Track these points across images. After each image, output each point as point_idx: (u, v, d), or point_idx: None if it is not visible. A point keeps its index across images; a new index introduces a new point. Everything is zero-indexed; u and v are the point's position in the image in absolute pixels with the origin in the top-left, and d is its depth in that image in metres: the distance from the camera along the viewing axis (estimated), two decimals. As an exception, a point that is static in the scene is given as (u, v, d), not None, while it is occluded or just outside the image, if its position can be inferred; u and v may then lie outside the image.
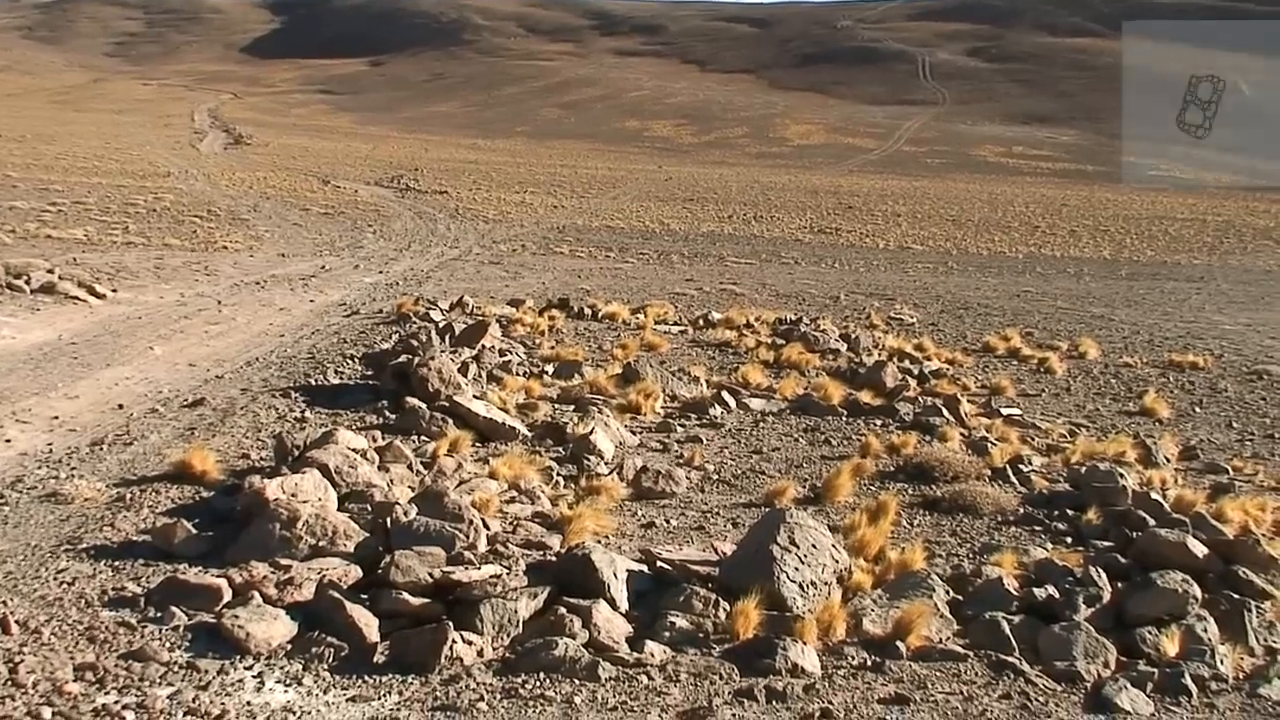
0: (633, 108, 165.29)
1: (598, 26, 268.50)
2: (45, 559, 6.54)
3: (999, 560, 7.58)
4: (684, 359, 15.73)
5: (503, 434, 10.43)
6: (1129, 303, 27.34)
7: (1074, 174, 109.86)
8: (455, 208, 47.88)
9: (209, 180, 55.04)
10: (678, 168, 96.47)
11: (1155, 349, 19.37)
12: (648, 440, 11.06)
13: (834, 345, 17.38)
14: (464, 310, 18.62)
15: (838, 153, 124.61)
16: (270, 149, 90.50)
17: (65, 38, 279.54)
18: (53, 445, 9.17)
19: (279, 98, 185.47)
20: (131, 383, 11.89)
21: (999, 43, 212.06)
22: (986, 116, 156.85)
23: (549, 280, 25.80)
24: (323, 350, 14.37)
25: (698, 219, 50.34)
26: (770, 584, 6.31)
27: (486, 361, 13.58)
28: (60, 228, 29.40)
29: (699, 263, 33.18)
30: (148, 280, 20.47)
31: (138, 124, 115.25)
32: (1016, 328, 20.83)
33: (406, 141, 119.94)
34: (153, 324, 15.76)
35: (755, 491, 9.46)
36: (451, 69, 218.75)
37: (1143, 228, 57.36)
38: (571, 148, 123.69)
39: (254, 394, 11.53)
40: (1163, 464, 11.10)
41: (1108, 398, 14.99)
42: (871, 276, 31.60)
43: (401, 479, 8.53)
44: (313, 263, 26.45)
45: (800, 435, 11.74)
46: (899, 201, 67.76)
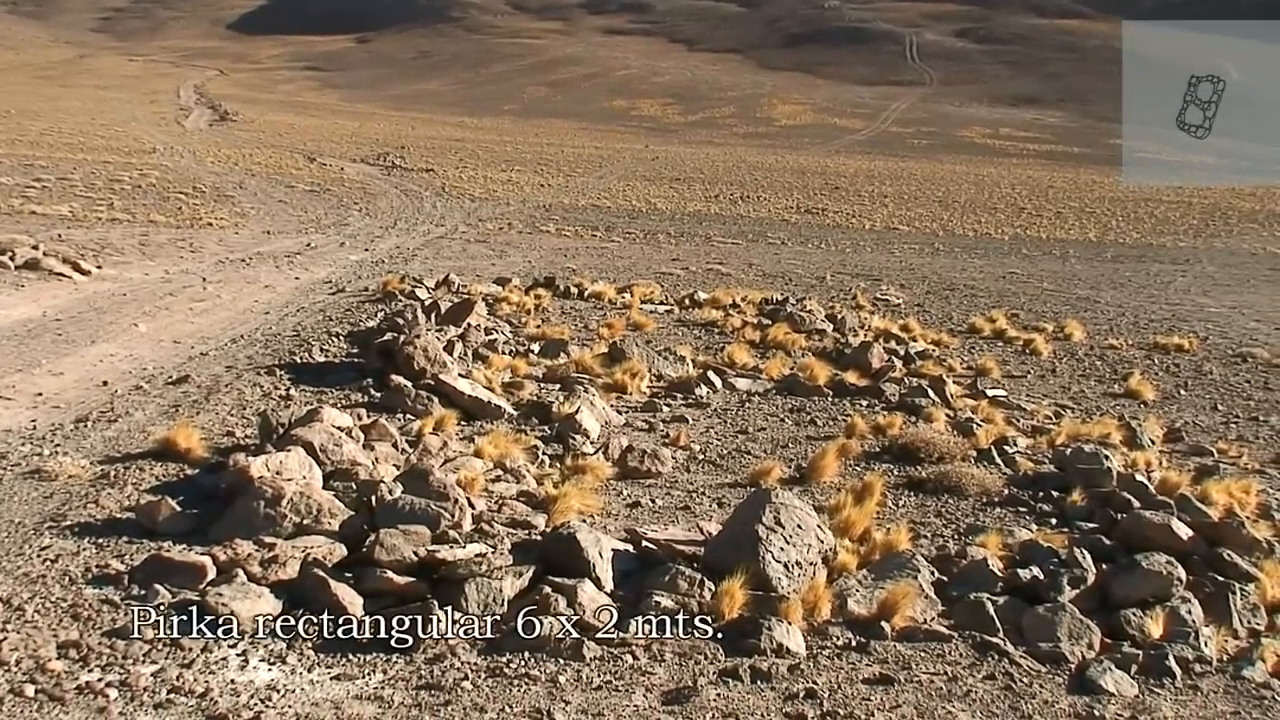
0: (620, 86, 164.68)
1: (586, 5, 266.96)
2: (29, 536, 6.52)
3: (984, 541, 7.61)
4: (670, 338, 15.74)
5: (488, 413, 10.42)
6: (1114, 285, 27.42)
7: (1060, 156, 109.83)
8: (442, 186, 47.74)
9: (194, 157, 54.72)
10: (665, 147, 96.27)
11: (1140, 331, 19.44)
12: (633, 420, 11.06)
13: (820, 326, 17.39)
14: (450, 288, 18.56)
15: (825, 133, 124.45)
16: (256, 125, 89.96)
17: (51, 13, 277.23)
18: (37, 422, 9.13)
19: (265, 74, 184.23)
20: (116, 360, 11.84)
21: (986, 24, 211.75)
22: (973, 98, 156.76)
23: (535, 259, 25.74)
24: (308, 328, 14.32)
25: (684, 199, 50.27)
26: (755, 564, 6.31)
27: (472, 340, 13.54)
28: (45, 204, 29.20)
29: (685, 242, 33.15)
30: (132, 257, 20.35)
31: (123, 100, 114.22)
32: (1002, 309, 20.88)
33: (393, 119, 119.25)
34: (137, 301, 15.68)
35: (741, 471, 9.47)
36: (439, 46, 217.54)
37: (1128, 210, 57.49)
38: (559, 126, 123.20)
39: (239, 371, 11.48)
40: (1147, 446, 11.15)
41: (1093, 379, 15.05)
42: (858, 257, 31.62)
43: (386, 457, 8.51)
44: (298, 240, 26.34)
45: (786, 415, 11.75)
46: (885, 182, 67.76)
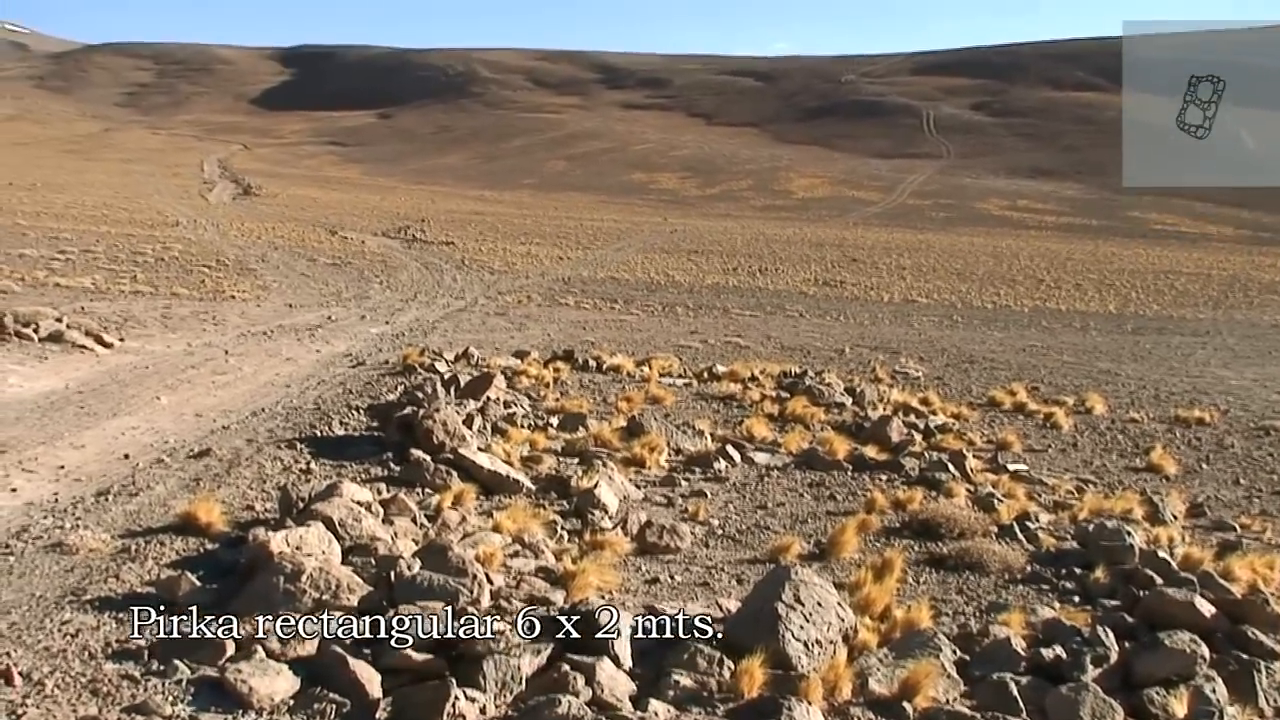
0: (639, 160, 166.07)
1: (603, 80, 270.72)
2: (49, 610, 6.52)
3: (1006, 619, 7.54)
4: (689, 412, 15.72)
5: (507, 487, 10.42)
6: (1135, 357, 27.34)
7: (1079, 228, 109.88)
8: (461, 259, 48.10)
9: (217, 230, 55.35)
10: (683, 220, 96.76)
11: (1162, 404, 19.35)
12: (652, 494, 11.04)
13: (839, 399, 17.34)
14: (469, 362, 18.64)
15: (842, 206, 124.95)
16: (279, 199, 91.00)
17: (77, 87, 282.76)
18: (58, 495, 9.16)
19: (288, 149, 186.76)
20: (138, 432, 11.88)
21: (1002, 97, 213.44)
22: (991, 170, 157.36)
23: (554, 332, 25.85)
24: (328, 401, 14.36)
25: (703, 271, 50.50)
26: (775, 642, 6.28)
27: (491, 414, 13.56)
28: (69, 276, 29.56)
29: (704, 315, 33.25)
30: (155, 329, 20.51)
31: (147, 173, 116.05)
32: (1023, 382, 20.82)
33: (414, 192, 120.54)
34: (160, 373, 15.77)
35: (760, 547, 9.43)
36: (459, 121, 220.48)
37: (1148, 282, 57.48)
38: (577, 200, 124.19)
39: (259, 445, 11.51)
40: (1170, 521, 11.07)
41: (1114, 453, 14.97)
42: (876, 330, 31.65)
43: (406, 532, 8.51)
44: (319, 313, 26.53)
45: (805, 490, 11.71)
46: (903, 254, 67.92)
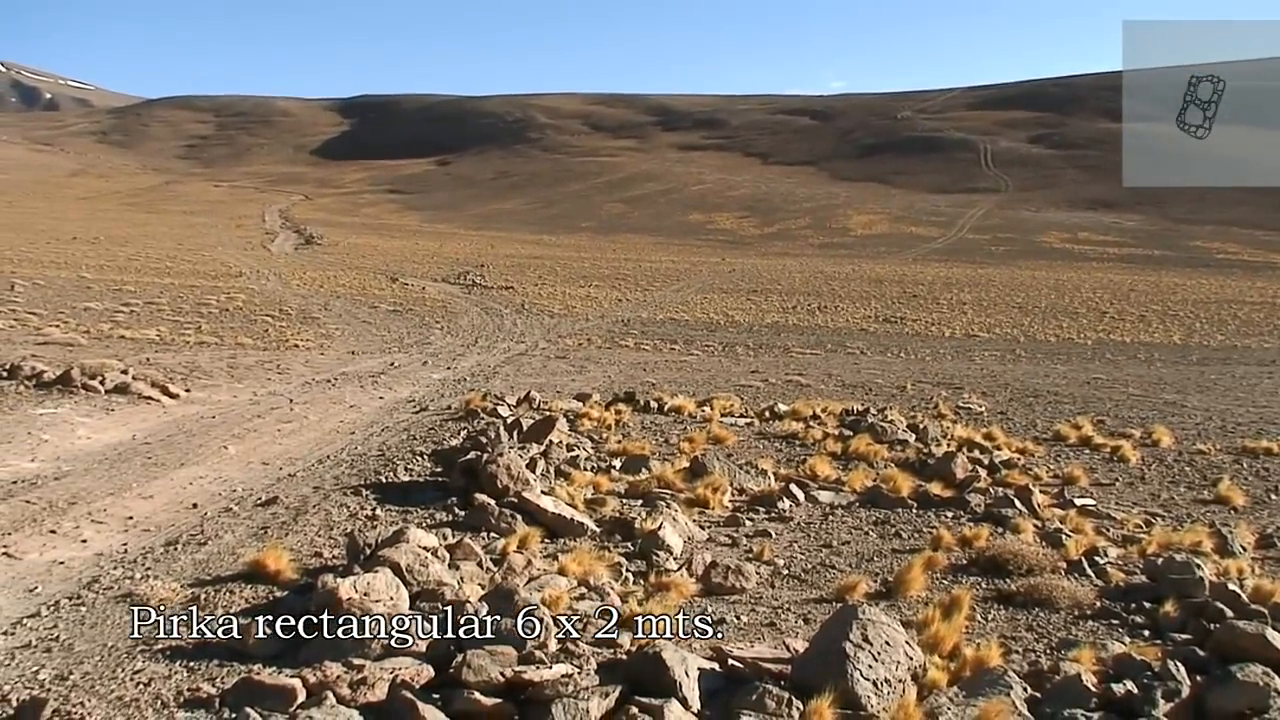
0: (696, 201, 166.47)
1: (660, 122, 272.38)
2: (121, 660, 6.63)
3: (1077, 656, 7.42)
4: (751, 452, 15.69)
5: (571, 530, 10.45)
6: (1201, 388, 26.93)
7: (1140, 259, 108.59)
8: (521, 303, 48.47)
9: (280, 280, 56.20)
10: (741, 260, 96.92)
11: (1229, 435, 19.02)
12: (716, 535, 11.02)
13: (902, 436, 17.23)
14: (531, 405, 18.73)
15: (901, 242, 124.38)
16: (340, 248, 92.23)
17: (138, 141, 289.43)
18: (128, 545, 9.31)
19: (349, 198, 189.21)
20: (205, 482, 12.07)
21: (1060, 129, 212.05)
22: (1050, 203, 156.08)
23: (614, 374, 25.93)
24: (393, 447, 14.51)
25: (762, 310, 50.52)
26: (844, 682, 6.23)
27: (554, 457, 13.63)
28: (134, 328, 30.12)
29: (764, 354, 33.23)
30: (221, 379, 20.82)
31: (209, 225, 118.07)
32: (1088, 415, 20.56)
33: (473, 238, 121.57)
34: (226, 423, 16.01)
35: (826, 587, 9.36)
36: (517, 167, 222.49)
37: (1212, 312, 56.68)
38: (636, 242, 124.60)
39: (326, 492, 11.65)
40: (1239, 553, 10.86)
41: (1182, 486, 14.72)
42: (938, 365, 31.45)
43: (472, 576, 8.57)
44: (382, 359, 26.82)
45: (870, 528, 11.63)
46: (964, 289, 67.51)
